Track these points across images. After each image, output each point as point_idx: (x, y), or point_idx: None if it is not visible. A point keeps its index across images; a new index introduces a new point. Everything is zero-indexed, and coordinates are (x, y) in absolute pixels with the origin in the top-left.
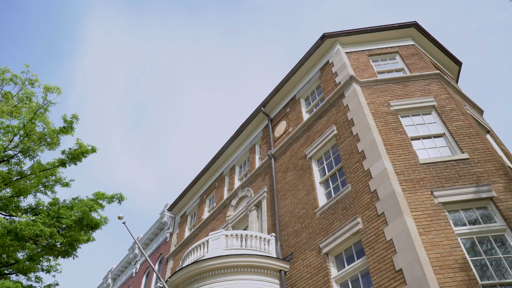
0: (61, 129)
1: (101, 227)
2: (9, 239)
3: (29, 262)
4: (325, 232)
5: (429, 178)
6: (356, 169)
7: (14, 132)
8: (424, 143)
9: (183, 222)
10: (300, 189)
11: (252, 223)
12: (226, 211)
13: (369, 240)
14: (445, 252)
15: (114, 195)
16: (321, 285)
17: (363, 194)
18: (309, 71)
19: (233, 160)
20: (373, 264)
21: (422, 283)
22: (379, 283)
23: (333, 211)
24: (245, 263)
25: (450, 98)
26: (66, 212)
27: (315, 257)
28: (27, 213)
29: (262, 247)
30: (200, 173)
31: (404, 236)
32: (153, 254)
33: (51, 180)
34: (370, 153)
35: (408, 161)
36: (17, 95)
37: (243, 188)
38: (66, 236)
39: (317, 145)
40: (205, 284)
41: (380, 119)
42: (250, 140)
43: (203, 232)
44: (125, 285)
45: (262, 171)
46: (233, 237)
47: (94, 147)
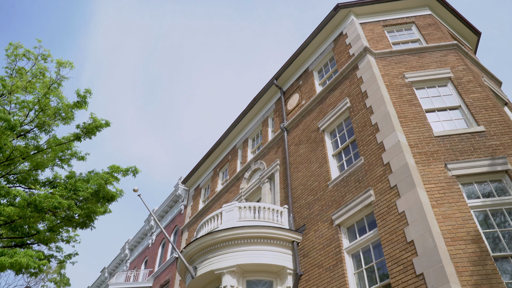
0: (75, 103)
1: (116, 199)
2: (29, 210)
3: (49, 233)
4: (338, 204)
5: (443, 151)
6: (369, 142)
7: (29, 107)
8: (439, 116)
9: (197, 194)
10: (312, 162)
11: (265, 196)
12: (239, 184)
13: (381, 212)
14: (457, 224)
15: (129, 168)
16: (333, 256)
17: (376, 167)
18: (322, 43)
19: (246, 133)
20: (385, 235)
21: (433, 254)
22: (390, 254)
23: (345, 183)
24: (258, 234)
25: (467, 69)
26: (83, 185)
27: (327, 229)
28: (45, 186)
29: (275, 218)
30: (213, 146)
31: (416, 209)
32: (168, 226)
33: (67, 154)
34: (384, 125)
35: (422, 133)
36: (31, 71)
37: (256, 161)
38: (83, 208)
39: (330, 117)
40: (219, 254)
41: (394, 91)
42: (262, 113)
43: (217, 204)
44: (142, 256)
45: (275, 144)
46: (246, 209)
47: (108, 121)
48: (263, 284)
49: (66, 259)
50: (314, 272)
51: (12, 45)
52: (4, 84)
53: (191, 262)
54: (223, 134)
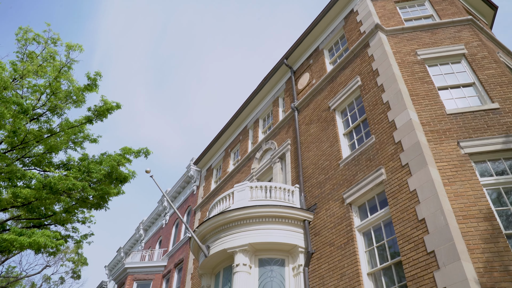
0: (85, 86)
1: (129, 181)
2: (45, 192)
3: (65, 214)
4: (349, 183)
5: (455, 129)
6: (380, 120)
7: (41, 91)
8: (452, 93)
9: (209, 175)
10: (323, 141)
11: (276, 175)
12: (250, 164)
13: (392, 190)
14: (470, 202)
15: (141, 149)
16: (344, 234)
17: (387, 145)
18: (333, 21)
19: (256, 113)
20: (396, 213)
21: (445, 232)
22: (401, 232)
23: (356, 162)
24: (269, 213)
25: (482, 45)
26: (96, 167)
27: (339, 207)
28: (59, 169)
29: (287, 198)
30: (224, 127)
31: (428, 187)
32: (181, 206)
33: (79, 136)
34: (395, 103)
35: (434, 111)
36: (41, 55)
37: (267, 141)
38: (97, 190)
39: (340, 96)
40: (231, 233)
41: (406, 69)
42: (273, 93)
43: (229, 184)
44: (156, 236)
45: (286, 123)
46: (257, 188)
47: (119, 104)
48: (275, 262)
49: (82, 239)
50: (325, 250)
51: (22, 29)
52: (15, 68)
53: (204, 241)
54: (233, 115)
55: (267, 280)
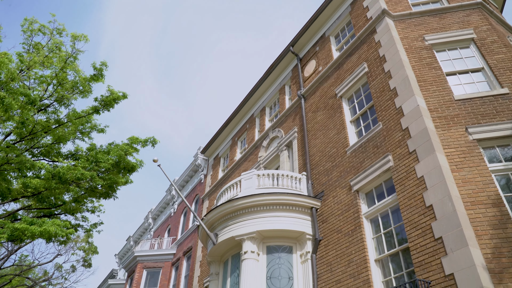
0: (91, 77)
1: (137, 170)
2: (54, 182)
3: (74, 204)
4: (356, 170)
5: (464, 115)
6: (387, 107)
7: (47, 82)
8: (460, 79)
9: (216, 164)
10: (330, 128)
11: (283, 163)
12: (257, 152)
13: (400, 177)
14: (478, 188)
15: (148, 139)
16: (352, 221)
17: (394, 132)
18: (339, 7)
19: (263, 101)
20: (404, 200)
21: (452, 218)
22: (409, 218)
23: (363, 149)
24: (277, 201)
25: (491, 29)
26: (104, 157)
27: (346, 195)
28: (68, 159)
29: (294, 185)
30: (230, 116)
31: (435, 173)
32: (189, 195)
33: (87, 127)
34: (403, 90)
35: (442, 97)
36: (47, 45)
37: (273, 129)
38: (106, 179)
39: (347, 83)
40: (239, 221)
41: (413, 55)
42: (279, 81)
43: (236, 172)
44: (165, 224)
45: (292, 111)
46: (265, 176)
47: (125, 93)
48: (283, 249)
49: (92, 228)
50: (333, 237)
51: (27, 21)
52: (22, 59)
53: (212, 229)
54: (240, 103)
55: (275, 267)
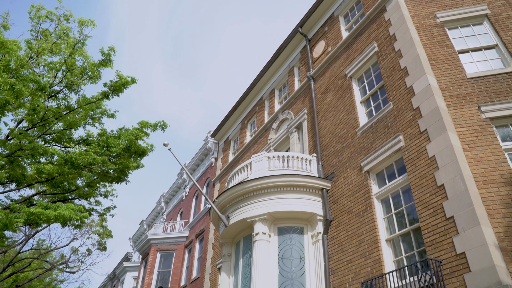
0: (100, 62)
1: (148, 154)
2: (67, 168)
3: (87, 188)
4: (366, 151)
5: (476, 93)
6: (398, 87)
7: (56, 68)
8: (473, 56)
9: (226, 147)
10: (340, 109)
11: (293, 145)
12: (267, 135)
13: (411, 157)
14: (490, 167)
15: (157, 123)
16: (362, 202)
17: (405, 112)
18: None
19: (272, 84)
20: (415, 180)
21: (464, 197)
22: (420, 198)
23: (374, 130)
24: (287, 182)
25: (506, 4)
26: (114, 141)
27: (356, 175)
28: (79, 144)
29: (304, 167)
30: (240, 98)
31: (447, 152)
32: (200, 179)
33: (97, 112)
34: (413, 69)
35: (454, 76)
36: (55, 32)
37: (283, 111)
38: (117, 163)
39: (357, 63)
40: (250, 203)
41: (424, 33)
42: (288, 63)
43: (246, 155)
44: (177, 208)
45: (302, 93)
46: (275, 158)
47: (134, 78)
48: (294, 230)
49: (106, 212)
50: (344, 218)
51: (35, 7)
52: (30, 46)
53: (223, 211)
54: (249, 86)
55: (286, 248)
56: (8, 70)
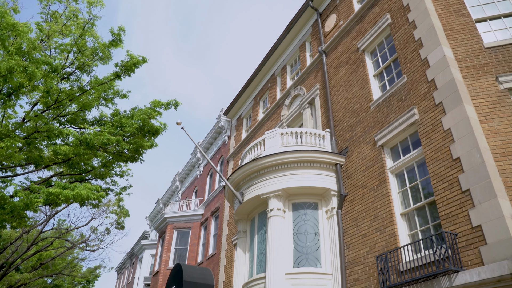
0: (110, 42)
1: (161, 133)
2: (82, 148)
3: (103, 169)
4: (380, 125)
5: (494, 63)
6: (412, 59)
7: (67, 50)
8: (491, 25)
9: (239, 124)
10: (353, 84)
11: (306, 121)
12: (280, 111)
13: (425, 130)
14: (508, 139)
15: (170, 101)
16: (377, 176)
17: (419, 84)
18: None
19: (283, 60)
20: (430, 153)
21: (481, 170)
22: (435, 171)
23: (388, 103)
24: (301, 158)
25: None
26: (128, 121)
27: (370, 150)
28: (93, 125)
29: (317, 142)
30: (251, 76)
31: (463, 125)
32: (214, 157)
33: (110, 93)
34: (428, 40)
35: (471, 46)
36: (64, 13)
37: (295, 87)
38: (131, 143)
39: (370, 36)
40: (264, 179)
41: (439, 2)
42: (299, 38)
43: (259, 132)
44: (192, 186)
45: (314, 68)
46: (288, 134)
47: (145, 57)
48: (309, 206)
49: (122, 191)
50: (358, 193)
51: None
52: (41, 29)
53: (237, 188)
54: (260, 62)
55: (301, 223)
56: (21, 53)
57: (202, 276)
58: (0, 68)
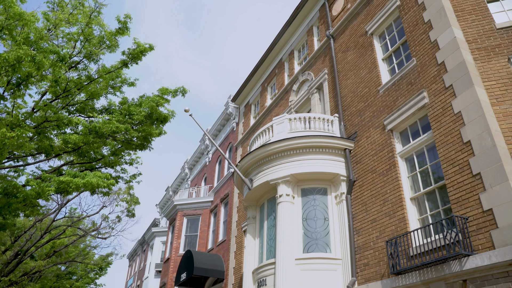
0: (117, 30)
1: (169, 120)
2: (91, 137)
3: (113, 157)
4: (389, 109)
5: (506, 44)
6: (421, 41)
7: (74, 39)
8: (504, 5)
9: (247, 111)
10: (361, 68)
11: (314, 106)
12: (288, 97)
13: (435, 114)
14: None
15: (177, 88)
16: (386, 161)
17: (429, 67)
18: None
19: (291, 45)
20: (440, 137)
21: (492, 153)
22: (445, 155)
23: (397, 87)
24: (309, 144)
25: None
26: (136, 109)
27: (380, 134)
28: (102, 113)
29: (326, 128)
30: (259, 62)
31: (474, 108)
32: (223, 144)
33: (117, 81)
34: (438, 22)
35: (482, 27)
36: (70, 2)
37: (303, 72)
38: (140, 131)
39: (378, 19)
40: (272, 165)
41: None
42: (307, 22)
43: (267, 119)
44: (201, 173)
45: (322, 53)
46: (296, 120)
47: (152, 45)
48: (318, 191)
49: (132, 179)
50: (367, 178)
51: None
52: (48, 18)
53: (246, 175)
54: (267, 48)
55: (310, 209)
56: (28, 42)
57: (213, 262)
58: (9, 58)
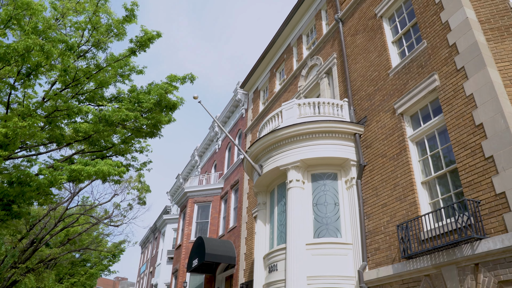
0: (124, 18)
1: (178, 107)
2: (101, 125)
3: (123, 145)
4: (399, 93)
5: None
6: (432, 23)
7: (82, 28)
8: None
9: (256, 97)
10: (371, 51)
11: (323, 91)
12: (297, 82)
13: (447, 96)
14: None
15: (186, 75)
16: (396, 145)
17: (440, 49)
18: None
19: (299, 29)
20: (451, 120)
21: (505, 135)
22: (457, 139)
23: (407, 70)
24: (319, 129)
25: None
26: (145, 97)
27: (390, 118)
28: (111, 102)
29: (335, 112)
30: (267, 47)
31: (486, 90)
32: (232, 130)
33: (126, 69)
34: (449, 2)
35: (495, 6)
36: None
37: (312, 57)
38: (149, 118)
39: (387, 1)
40: (282, 151)
41: None
42: (315, 6)
43: (276, 104)
44: (211, 160)
45: (330, 37)
46: (305, 105)
47: (159, 32)
48: (328, 176)
49: (142, 167)
50: (377, 162)
51: None
52: (55, 7)
53: (256, 161)
54: (276, 33)
55: (320, 194)
56: (37, 32)
57: (224, 248)
58: (18, 48)
